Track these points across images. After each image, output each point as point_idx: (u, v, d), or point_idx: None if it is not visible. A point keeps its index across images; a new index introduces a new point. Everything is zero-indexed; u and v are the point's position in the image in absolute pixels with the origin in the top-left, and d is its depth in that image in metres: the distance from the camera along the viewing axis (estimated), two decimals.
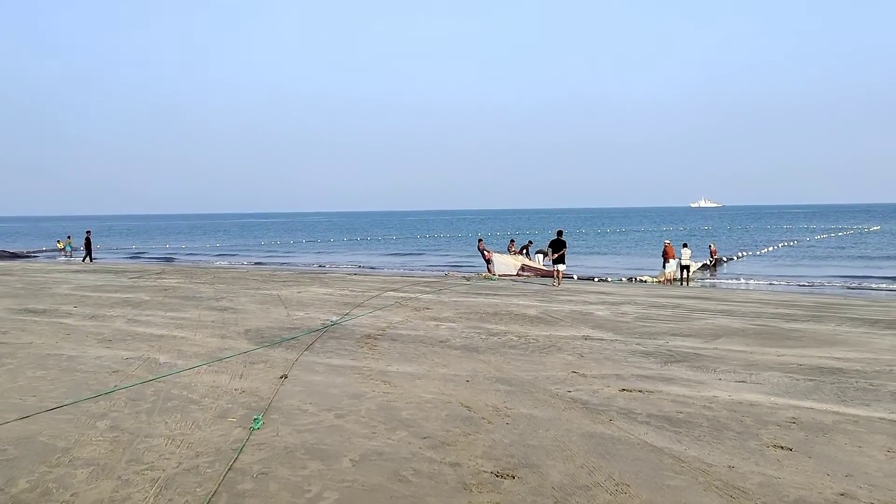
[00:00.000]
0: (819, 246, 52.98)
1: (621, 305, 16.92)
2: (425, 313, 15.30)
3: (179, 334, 12.23)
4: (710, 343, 11.54)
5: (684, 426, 6.65)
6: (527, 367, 9.45)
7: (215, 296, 18.80)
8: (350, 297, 18.50)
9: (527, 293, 20.11)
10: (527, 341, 11.60)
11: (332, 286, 22.18)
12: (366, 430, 6.43)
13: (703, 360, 10.10)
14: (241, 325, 13.35)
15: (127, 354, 10.27)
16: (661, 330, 12.93)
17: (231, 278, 25.46)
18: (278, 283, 23.15)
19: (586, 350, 10.84)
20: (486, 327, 13.19)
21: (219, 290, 20.59)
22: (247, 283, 22.97)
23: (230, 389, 7.95)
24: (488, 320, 14.15)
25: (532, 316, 14.84)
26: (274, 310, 15.91)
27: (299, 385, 8.25)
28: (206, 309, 15.99)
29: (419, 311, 15.76)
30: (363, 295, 19.12)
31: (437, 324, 13.64)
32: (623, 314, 15.22)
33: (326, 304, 17.15)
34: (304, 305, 16.72)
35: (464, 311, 15.52)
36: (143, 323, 13.67)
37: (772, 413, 7.16)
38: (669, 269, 29.44)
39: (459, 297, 18.62)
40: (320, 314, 15.13)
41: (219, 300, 17.79)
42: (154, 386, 8.12)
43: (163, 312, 15.29)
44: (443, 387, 8.24)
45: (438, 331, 12.76)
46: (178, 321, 13.91)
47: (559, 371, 9.23)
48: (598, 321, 14.09)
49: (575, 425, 6.64)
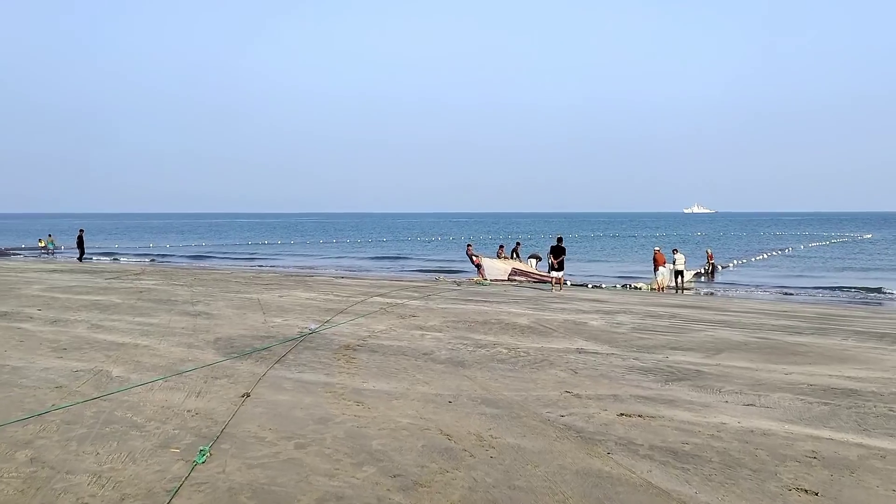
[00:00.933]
0: (813, 254, 52.41)
1: (616, 315, 16.16)
2: (411, 321, 14.49)
3: (143, 342, 11.36)
4: (712, 358, 10.77)
5: (692, 462, 5.84)
6: (516, 386, 8.64)
7: (191, 299, 17.93)
8: (334, 303, 17.66)
9: (518, 300, 19.32)
10: (517, 355, 10.80)
11: (316, 290, 21.34)
12: (328, 464, 5.57)
13: (705, 378, 9.32)
14: (212, 333, 12.49)
15: (78, 366, 9.38)
16: (659, 343, 12.16)
17: (212, 280, 24.60)
18: (260, 287, 22.29)
19: (580, 365, 10.04)
20: (474, 338, 12.39)
21: (196, 293, 19.73)
22: (227, 286, 22.10)
23: (182, 411, 7.07)
24: (477, 330, 13.35)
25: (523, 325, 14.05)
26: (251, 316, 15.07)
27: (261, 405, 7.39)
28: (178, 314, 15.12)
29: (405, 318, 14.96)
30: (347, 300, 18.29)
31: (422, 333, 12.83)
32: (619, 325, 14.45)
33: (308, 309, 16.31)
34: (284, 311, 15.88)
35: (452, 320, 14.72)
36: (106, 329, 12.79)
37: (788, 445, 6.37)
38: (662, 276, 28.71)
39: (448, 304, 17.82)
40: (299, 321, 14.29)
41: (194, 304, 16.93)
42: (97, 406, 7.22)
43: (130, 317, 14.42)
44: (422, 409, 7.41)
45: (423, 341, 11.95)
46: (145, 327, 13.05)
47: (551, 390, 8.43)
48: (592, 332, 13.31)
49: (569, 460, 5.82)
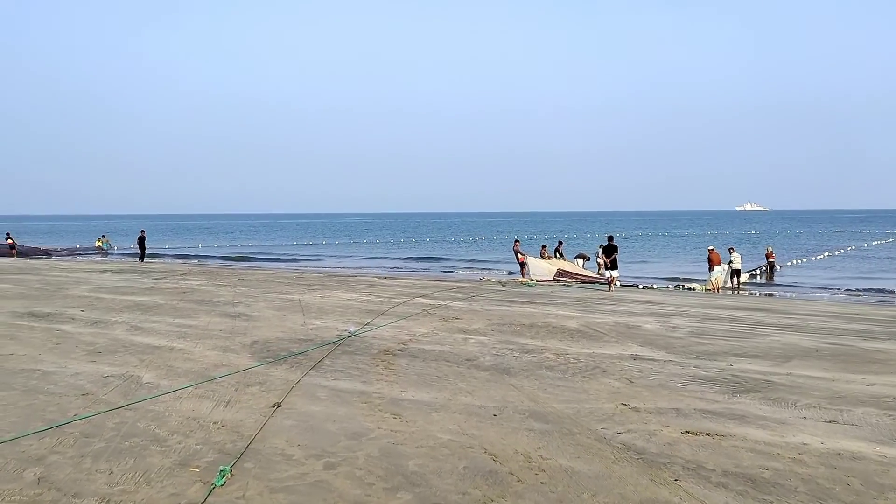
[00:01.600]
0: (878, 253, 50.14)
1: (671, 317, 15.30)
2: (454, 324, 13.90)
3: (179, 346, 11.01)
4: (782, 367, 9.90)
5: (775, 492, 5.10)
6: (567, 397, 7.97)
7: (233, 300, 17.67)
8: (375, 304, 17.19)
9: (566, 302, 18.57)
10: (566, 361, 10.11)
11: (358, 291, 20.93)
12: (358, 489, 5.00)
13: (777, 389, 8.49)
14: (249, 336, 12.10)
15: (110, 371, 9.04)
16: (720, 349, 11.32)
17: (255, 281, 24.42)
18: (302, 287, 21.98)
19: (636, 374, 9.31)
20: (520, 342, 11.73)
21: (238, 293, 19.49)
22: (269, 287, 21.86)
23: (208, 422, 6.60)
24: (523, 333, 12.68)
25: (572, 329, 13.33)
26: (290, 317, 14.67)
27: (292, 417, 6.88)
28: (218, 315, 14.82)
29: (447, 321, 14.37)
30: (389, 301, 17.80)
31: (465, 337, 12.23)
32: (674, 328, 13.62)
33: (348, 311, 15.86)
34: (324, 313, 15.45)
35: (496, 322, 14.08)
36: (144, 331, 12.52)
37: (883, 472, 5.58)
38: (717, 276, 27.54)
39: (493, 306, 17.18)
40: (339, 323, 13.83)
41: (235, 305, 16.64)
42: (120, 416, 6.80)
43: (171, 319, 14.15)
44: (464, 423, 6.80)
45: (466, 346, 11.35)
46: (184, 330, 12.74)
47: (606, 402, 7.74)
48: (647, 336, 12.52)
49: (630, 487, 5.13)
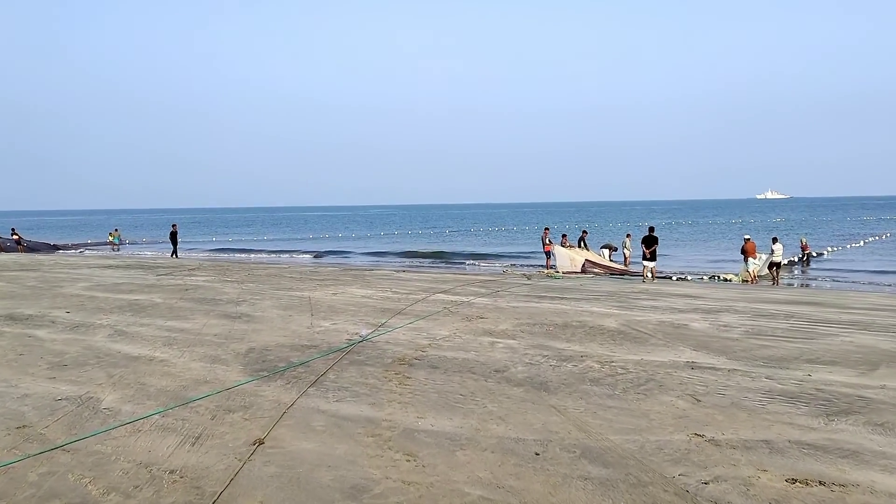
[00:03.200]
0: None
1: (719, 314, 13.67)
2: (478, 324, 12.39)
3: (161, 355, 9.58)
4: (870, 377, 8.30)
5: None
6: (623, 423, 6.44)
7: (237, 298, 16.27)
8: (391, 302, 15.71)
9: (599, 297, 16.97)
10: (613, 371, 8.56)
11: (374, 286, 19.47)
12: None
13: (879, 409, 6.90)
14: (245, 342, 10.67)
15: (67, 391, 7.56)
16: (788, 353, 9.71)
17: (266, 276, 23.04)
18: (315, 282, 20.56)
19: (700, 388, 7.75)
20: (555, 347, 10.20)
21: (245, 290, 18.10)
22: (279, 283, 20.46)
23: (163, 472, 5.03)
24: (557, 336, 11.15)
25: (612, 329, 11.77)
26: (297, 318, 13.23)
27: (276, 461, 5.35)
28: (216, 316, 13.42)
29: (471, 320, 12.87)
30: (407, 298, 16.31)
31: (492, 341, 10.71)
32: (727, 327, 12.01)
33: (362, 310, 14.40)
34: (335, 312, 14.00)
35: (526, 322, 12.55)
36: (128, 337, 11.12)
37: None
38: (754, 267, 25.82)
39: (520, 302, 15.63)
40: (350, 325, 12.37)
41: (238, 304, 15.24)
42: (51, 462, 5.26)
43: (163, 321, 12.76)
44: (498, 467, 5.28)
45: (494, 352, 9.83)
46: (174, 334, 11.33)
47: (674, 431, 6.19)
48: (698, 337, 10.94)
49: None
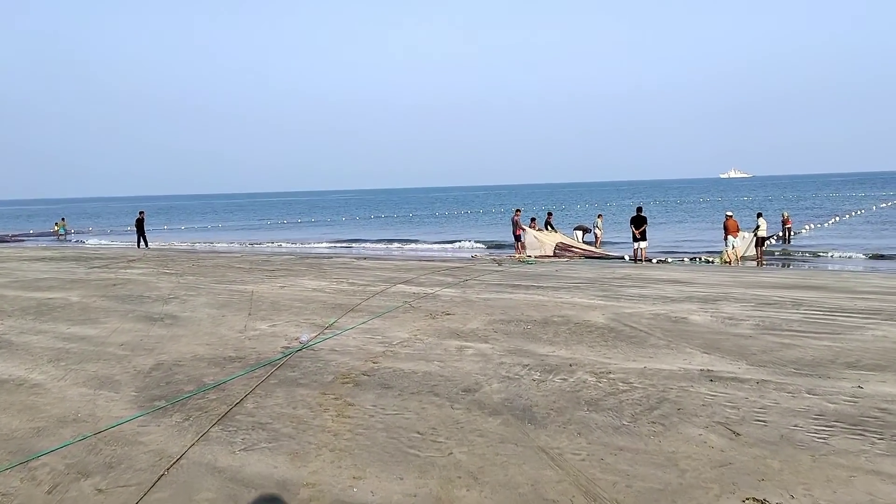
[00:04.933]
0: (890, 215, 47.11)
1: (717, 303, 12.00)
2: (444, 323, 10.53)
3: (37, 377, 7.52)
4: None
5: None
6: (645, 479, 4.62)
7: (168, 294, 14.18)
8: (346, 296, 13.77)
9: (579, 284, 15.20)
10: (613, 387, 6.76)
11: (328, 277, 17.49)
12: None
13: None
14: (155, 354, 8.66)
15: None
16: (818, 354, 8.01)
17: (212, 267, 20.89)
18: (263, 274, 18.50)
19: (730, 411, 5.98)
20: (536, 352, 8.38)
21: (181, 284, 16.00)
22: (224, 274, 18.36)
23: None
24: (537, 336, 9.33)
25: (600, 326, 9.99)
26: (230, 319, 11.24)
27: None
28: (134, 318, 11.36)
29: (436, 317, 11.01)
30: (364, 291, 14.37)
31: (460, 345, 8.86)
32: (732, 320, 10.31)
33: (310, 306, 12.45)
34: (277, 310, 12.03)
35: (499, 318, 10.72)
36: (11, 349, 9.03)
37: None
38: (739, 245, 24.33)
39: (491, 293, 13.80)
40: (291, 327, 10.43)
41: (167, 302, 13.17)
42: None
43: (66, 326, 10.67)
44: None
45: (462, 361, 7.98)
46: (70, 344, 9.27)
47: (719, 493, 4.39)
48: (703, 335, 9.21)
49: None
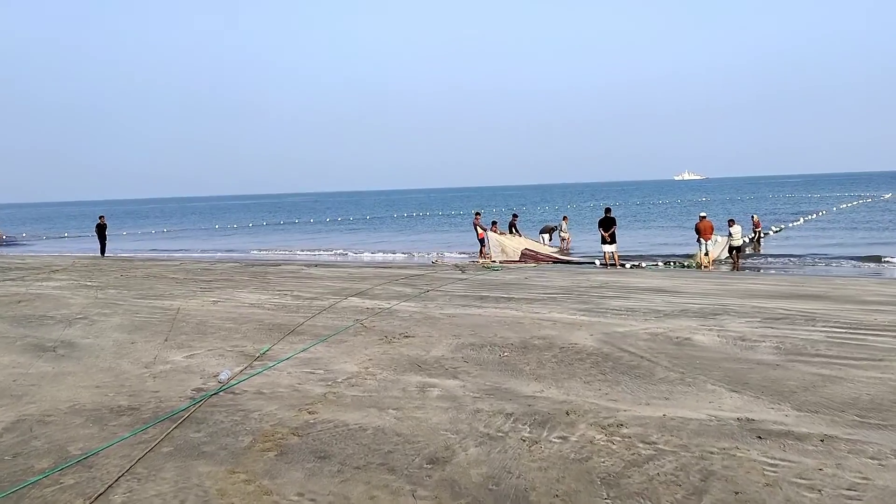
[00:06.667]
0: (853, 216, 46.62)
1: (718, 318, 10.35)
2: (402, 349, 8.64)
3: None
4: None
5: None
6: None
7: (77, 313, 12.02)
8: (287, 312, 11.79)
9: (554, 295, 13.45)
10: (634, 452, 4.96)
11: (272, 288, 15.46)
12: None
13: None
14: (23, 403, 6.57)
15: None
16: (876, 392, 6.34)
17: (142, 277, 18.66)
18: (198, 285, 16.38)
19: (810, 496, 4.22)
20: (520, 393, 6.55)
21: (98, 300, 13.81)
22: (153, 286, 16.19)
23: None
24: (518, 367, 7.51)
25: (591, 351, 8.22)
26: (140, 347, 9.18)
27: None
28: (21, 348, 9.22)
29: (392, 342, 9.11)
30: (310, 306, 12.41)
31: (422, 383, 6.98)
32: (744, 341, 8.64)
33: (243, 327, 10.45)
34: (201, 334, 9.99)
35: (469, 342, 8.87)
36: None
37: None
38: (714, 250, 22.95)
39: (457, 307, 11.96)
40: (213, 357, 8.42)
41: (70, 324, 11.02)
42: None
43: None
44: None
45: (426, 410, 6.10)
46: None
47: None
48: (719, 363, 7.50)
49: None
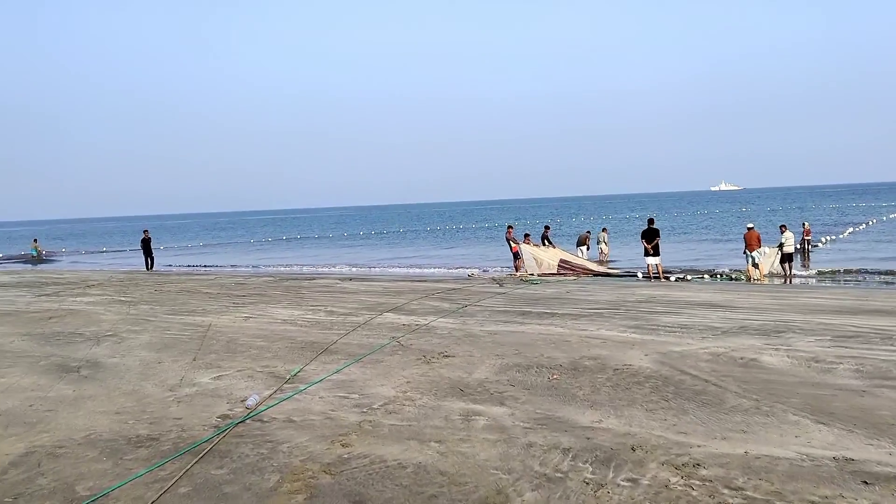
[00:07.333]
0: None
1: (784, 336, 9.53)
2: (442, 370, 8.03)
3: None
4: None
5: None
6: None
7: (106, 330, 11.67)
8: (321, 329, 11.28)
9: (600, 310, 12.72)
10: (718, 500, 4.26)
11: (305, 303, 14.99)
12: None
13: None
14: (35, 432, 6.10)
15: None
16: None
17: (175, 293, 18.37)
18: (231, 300, 16.00)
19: None
20: (576, 422, 5.88)
21: (130, 316, 13.48)
22: (186, 302, 15.85)
23: None
24: (571, 392, 6.84)
25: (650, 373, 7.51)
26: (166, 367, 8.71)
27: None
28: (42, 370, 8.81)
29: (431, 362, 8.51)
30: (344, 322, 11.89)
31: (466, 410, 6.36)
32: (818, 362, 7.84)
33: (274, 345, 9.95)
34: (231, 353, 9.50)
35: (513, 363, 8.22)
36: None
37: None
38: (761, 261, 21.85)
39: (497, 324, 11.32)
40: (241, 380, 7.90)
41: (99, 342, 10.64)
42: None
43: None
44: None
45: (472, 444, 5.47)
46: None
47: None
48: (797, 389, 6.74)
49: None
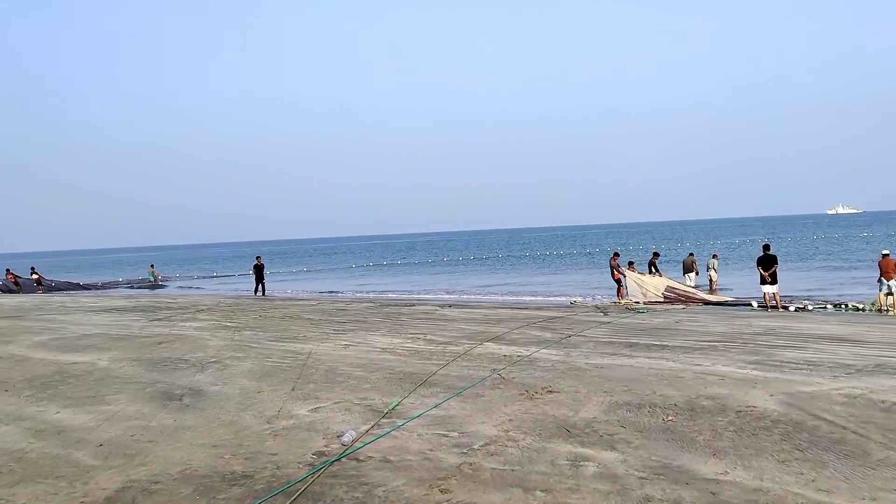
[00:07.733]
0: None
1: None
2: (546, 407, 7.58)
3: None
4: None
5: None
6: None
7: (210, 357, 11.86)
8: (419, 358, 11.05)
9: (713, 342, 11.89)
10: None
11: (405, 331, 14.85)
12: None
13: None
14: (133, 465, 6.08)
15: None
16: None
17: (280, 318, 18.69)
18: (333, 325, 16.11)
19: None
20: (697, 474, 5.31)
21: (234, 342, 13.70)
22: (288, 328, 16.04)
23: None
24: (689, 437, 6.24)
25: (777, 417, 6.80)
26: (266, 398, 8.66)
27: None
28: (146, 397, 8.94)
29: (534, 397, 8.07)
30: (444, 351, 11.62)
31: (573, 454, 5.89)
32: None
33: (372, 376, 9.77)
34: (330, 383, 9.39)
35: (624, 401, 7.67)
36: None
37: None
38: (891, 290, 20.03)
39: (603, 356, 10.74)
40: (339, 413, 7.73)
41: (203, 369, 10.79)
42: None
43: (54, 410, 8.32)
44: None
45: (582, 495, 5.01)
46: (32, 444, 6.85)
47: None
48: None
49: None
